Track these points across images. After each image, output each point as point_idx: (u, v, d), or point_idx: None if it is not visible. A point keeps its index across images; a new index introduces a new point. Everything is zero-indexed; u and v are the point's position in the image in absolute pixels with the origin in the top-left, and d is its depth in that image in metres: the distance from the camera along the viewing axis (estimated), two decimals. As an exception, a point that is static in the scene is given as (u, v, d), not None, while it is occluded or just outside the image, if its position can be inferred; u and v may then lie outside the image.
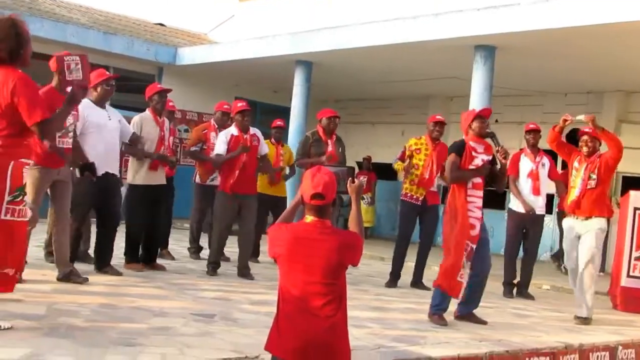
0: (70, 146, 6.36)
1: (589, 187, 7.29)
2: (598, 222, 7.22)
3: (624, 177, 14.02)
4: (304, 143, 8.65)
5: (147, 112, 7.81)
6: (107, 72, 7.26)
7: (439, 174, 8.56)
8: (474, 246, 6.29)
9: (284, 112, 14.67)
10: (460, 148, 6.41)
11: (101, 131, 6.86)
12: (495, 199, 12.66)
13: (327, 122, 8.57)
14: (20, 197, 4.37)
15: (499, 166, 6.57)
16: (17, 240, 4.43)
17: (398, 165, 8.71)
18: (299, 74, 14.42)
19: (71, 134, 6.35)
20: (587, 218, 7.25)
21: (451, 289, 6.28)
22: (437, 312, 6.33)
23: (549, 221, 9.10)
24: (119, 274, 7.03)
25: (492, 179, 6.64)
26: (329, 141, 8.54)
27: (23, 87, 4.24)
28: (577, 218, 7.32)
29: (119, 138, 7.18)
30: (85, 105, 6.71)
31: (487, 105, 11.53)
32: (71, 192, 6.47)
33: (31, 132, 4.38)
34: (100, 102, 6.98)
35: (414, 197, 8.55)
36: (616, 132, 14.00)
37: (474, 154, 6.39)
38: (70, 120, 6.24)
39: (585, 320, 7.14)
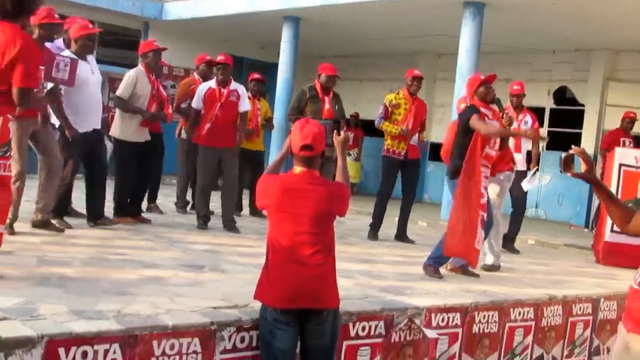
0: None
1: None
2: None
3: (609, 135, 14.12)
4: (300, 98, 8.50)
5: (141, 68, 7.74)
6: (90, 26, 7.14)
7: (419, 132, 8.63)
8: (485, 214, 6.36)
9: (272, 68, 14.65)
10: (477, 110, 6.39)
11: (84, 85, 6.72)
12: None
13: (326, 80, 8.49)
14: (9, 153, 4.41)
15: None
16: (4, 196, 4.44)
17: (388, 128, 8.58)
18: (287, 30, 14.34)
19: (45, 91, 6.29)
20: None
21: (470, 257, 6.35)
22: (434, 265, 6.37)
23: (539, 176, 9.13)
24: (114, 223, 7.08)
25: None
26: (326, 98, 8.49)
27: (28, 52, 4.26)
28: None
29: (100, 91, 7.18)
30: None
31: (475, 61, 11.56)
32: (55, 141, 6.49)
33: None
34: (81, 56, 6.86)
35: (396, 151, 8.56)
36: (603, 90, 14.12)
37: (487, 120, 6.38)
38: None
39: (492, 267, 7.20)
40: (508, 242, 8.95)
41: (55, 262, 5.12)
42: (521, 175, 8.68)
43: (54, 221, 6.56)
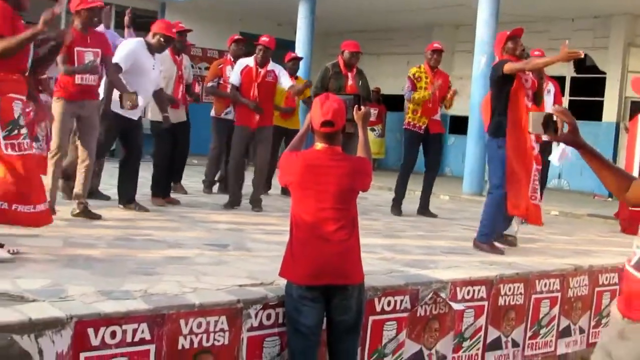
0: (93, 83, 6.37)
1: None
2: None
3: (632, 102, 13.96)
4: (324, 75, 8.50)
5: (166, 51, 7.68)
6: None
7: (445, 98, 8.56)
8: (540, 167, 6.44)
9: (289, 46, 14.56)
10: (508, 60, 6.34)
11: (147, 74, 6.95)
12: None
13: (350, 56, 8.47)
14: (17, 131, 4.41)
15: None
16: (31, 176, 4.47)
17: (420, 95, 8.45)
18: (303, 7, 14.28)
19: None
20: None
21: (530, 215, 6.40)
22: (487, 241, 6.36)
23: (569, 150, 9.06)
24: (145, 210, 7.05)
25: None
26: (349, 74, 8.48)
27: None
28: None
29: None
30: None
31: (493, 31, 11.42)
32: (97, 131, 6.51)
33: (20, 67, 4.44)
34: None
35: (417, 125, 8.52)
36: (624, 56, 13.93)
37: (520, 74, 6.34)
38: (90, 57, 6.27)
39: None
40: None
41: (81, 244, 5.16)
42: (545, 145, 8.58)
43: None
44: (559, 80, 13.60)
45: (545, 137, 8.57)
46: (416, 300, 4.72)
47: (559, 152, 8.63)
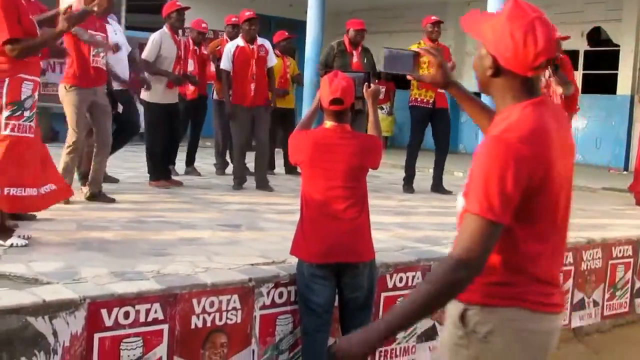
0: (104, 67, 6.37)
1: None
2: None
3: (645, 77, 13.84)
4: (328, 53, 8.50)
5: (165, 30, 7.75)
6: None
7: None
8: None
9: (300, 26, 14.50)
10: None
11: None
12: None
13: (355, 34, 8.46)
14: (20, 112, 4.42)
15: None
16: (26, 160, 4.45)
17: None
18: (314, -15, 14.16)
19: (102, 54, 6.32)
20: None
21: None
22: None
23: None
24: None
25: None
26: (354, 52, 8.47)
27: None
28: None
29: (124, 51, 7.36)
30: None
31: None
32: (110, 116, 6.53)
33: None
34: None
35: (424, 100, 8.49)
36: (638, 28, 13.77)
37: None
38: (99, 38, 6.26)
39: None
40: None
41: (94, 227, 5.21)
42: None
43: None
44: (573, 54, 13.52)
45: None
46: (429, 276, 4.73)
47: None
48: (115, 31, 7.10)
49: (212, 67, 8.97)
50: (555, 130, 2.06)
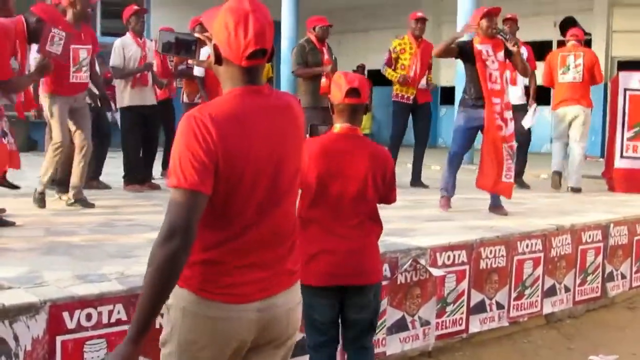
0: (86, 80, 6.42)
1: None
2: None
3: (618, 62, 13.94)
4: (301, 52, 8.46)
5: (127, 35, 7.85)
6: None
7: (425, 73, 8.62)
8: (513, 143, 6.55)
9: (275, 26, 14.53)
10: (463, 45, 6.53)
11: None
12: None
13: (322, 31, 8.44)
14: None
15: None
16: None
17: (390, 75, 8.64)
18: (287, -17, 14.20)
19: (85, 69, 6.35)
20: None
21: (502, 190, 6.55)
22: (441, 196, 6.82)
23: (538, 112, 9.15)
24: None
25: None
26: (323, 49, 8.51)
27: None
28: None
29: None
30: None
31: (475, 1, 11.39)
32: (89, 122, 6.56)
33: None
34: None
35: (405, 96, 8.60)
36: (609, 17, 13.89)
37: (483, 57, 6.42)
38: (84, 54, 6.31)
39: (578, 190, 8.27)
40: (517, 178, 8.89)
41: (63, 232, 5.21)
42: (520, 109, 8.65)
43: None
44: (546, 45, 13.61)
45: (517, 100, 8.70)
46: (396, 268, 4.76)
47: (531, 114, 8.67)
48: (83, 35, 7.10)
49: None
50: (260, 119, 2.18)
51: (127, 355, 2.07)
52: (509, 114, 6.48)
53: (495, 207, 6.67)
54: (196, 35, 2.41)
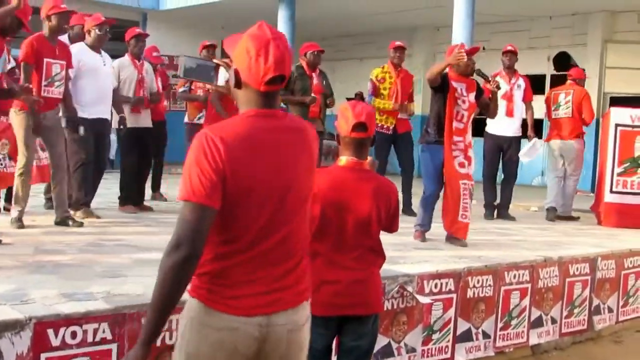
0: (58, 96, 6.41)
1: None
2: None
3: (611, 98, 14.06)
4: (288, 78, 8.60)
5: (126, 57, 7.94)
6: (102, 18, 7.20)
7: (406, 102, 8.67)
8: (472, 182, 6.48)
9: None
10: (444, 75, 6.49)
11: (95, 76, 6.97)
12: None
13: (313, 57, 8.55)
14: None
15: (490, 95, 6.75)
16: None
17: (381, 104, 8.65)
18: (282, 12, 14.34)
19: (57, 84, 6.36)
20: None
21: (457, 231, 6.46)
22: (415, 231, 6.69)
23: (540, 146, 9.27)
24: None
25: (484, 109, 6.84)
26: (314, 75, 8.58)
27: None
28: None
29: (111, 84, 7.34)
30: (80, 49, 6.88)
31: (470, 32, 11.49)
32: (64, 139, 6.55)
33: None
34: (94, 47, 7.02)
35: (385, 126, 8.66)
36: (602, 53, 14.04)
37: (457, 94, 6.40)
38: (57, 69, 6.33)
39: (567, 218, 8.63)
40: (502, 210, 8.95)
41: (51, 250, 5.21)
42: (515, 141, 8.72)
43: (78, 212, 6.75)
44: (539, 79, 13.74)
45: (514, 132, 8.76)
46: (382, 295, 4.77)
47: (528, 147, 8.75)
48: (104, 61, 7.19)
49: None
50: (270, 141, 2.27)
51: (140, 357, 2.20)
52: (471, 152, 6.50)
53: (452, 237, 6.55)
54: (215, 61, 2.50)
